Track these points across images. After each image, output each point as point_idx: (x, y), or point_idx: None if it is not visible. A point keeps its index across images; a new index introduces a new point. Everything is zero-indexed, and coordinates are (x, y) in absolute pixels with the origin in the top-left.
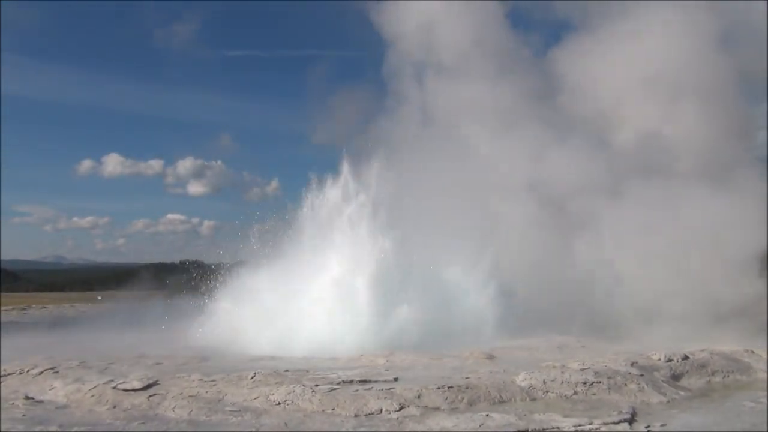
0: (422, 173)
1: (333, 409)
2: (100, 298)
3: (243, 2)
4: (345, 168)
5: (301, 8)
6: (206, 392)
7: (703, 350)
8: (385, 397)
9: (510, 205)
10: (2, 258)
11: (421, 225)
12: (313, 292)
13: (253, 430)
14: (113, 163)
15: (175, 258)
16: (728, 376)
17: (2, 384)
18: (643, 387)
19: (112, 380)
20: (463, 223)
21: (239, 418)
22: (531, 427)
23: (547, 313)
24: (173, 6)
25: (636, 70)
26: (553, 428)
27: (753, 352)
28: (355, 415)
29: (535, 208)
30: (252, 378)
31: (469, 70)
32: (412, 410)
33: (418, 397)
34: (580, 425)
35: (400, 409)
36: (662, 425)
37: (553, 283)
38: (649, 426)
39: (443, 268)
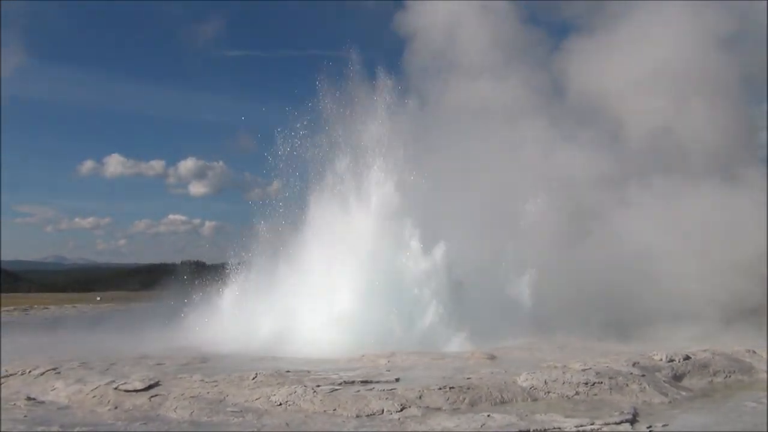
0: (438, 173)
1: (334, 410)
2: (99, 298)
3: (243, 3)
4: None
5: (301, 9)
6: (208, 393)
7: (705, 350)
8: (386, 398)
9: (527, 203)
10: (4, 259)
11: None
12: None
13: (255, 430)
14: (115, 164)
15: (177, 258)
16: (730, 376)
17: (4, 385)
18: (644, 387)
19: (113, 381)
20: (482, 220)
21: (241, 418)
22: (532, 427)
23: (565, 313)
24: (175, 8)
25: (642, 69)
26: (554, 428)
27: (755, 352)
28: (357, 416)
29: (551, 206)
30: (253, 378)
31: (483, 68)
32: (414, 411)
33: (420, 397)
34: (581, 426)
35: (401, 410)
36: (664, 425)
37: (573, 282)
38: (650, 426)
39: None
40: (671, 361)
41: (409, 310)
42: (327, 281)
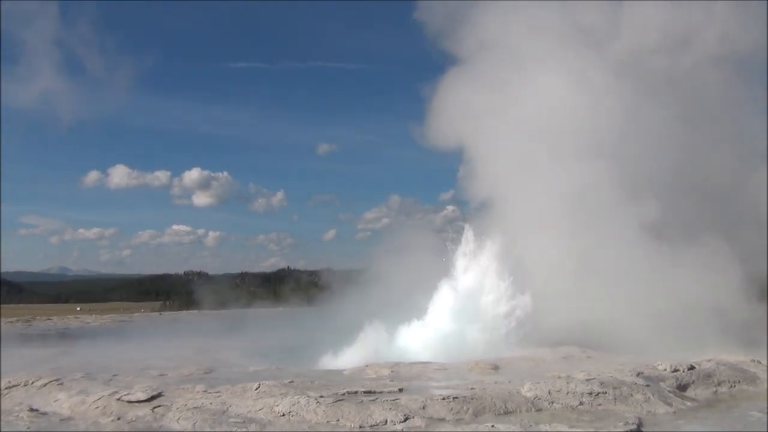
0: None
1: (338, 421)
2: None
3: (247, 15)
4: None
5: (306, 21)
6: (211, 403)
7: (709, 360)
8: (390, 408)
9: None
10: (8, 270)
11: None
12: None
13: None
14: (120, 175)
15: (180, 269)
16: (734, 386)
17: (7, 396)
18: (649, 397)
19: (116, 392)
20: None
21: (244, 429)
22: None
23: None
24: (179, 17)
25: None
26: None
27: (759, 362)
28: (360, 426)
29: None
30: (256, 389)
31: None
32: (417, 421)
33: (423, 408)
34: None
35: (405, 420)
36: None
37: None
38: None
39: None
40: (675, 371)
41: None
42: None
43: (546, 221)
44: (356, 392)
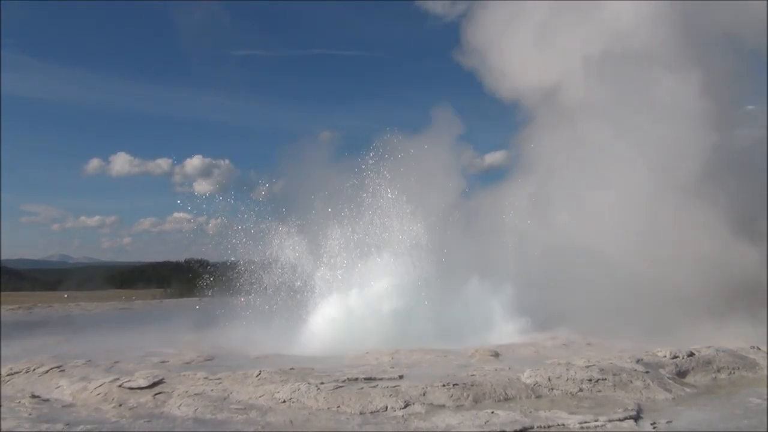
0: None
1: (338, 407)
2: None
3: (248, 2)
4: None
5: (307, 8)
6: (212, 390)
7: (708, 347)
8: (390, 395)
9: None
10: (10, 257)
11: None
12: None
13: (259, 428)
14: (121, 162)
15: (181, 256)
16: (734, 372)
17: (9, 383)
18: (648, 384)
19: (117, 378)
20: None
21: (245, 415)
22: (536, 424)
23: None
24: (180, 6)
25: None
26: (558, 425)
27: (759, 348)
28: (361, 413)
29: None
30: (257, 376)
31: None
32: (417, 408)
33: (423, 394)
34: (585, 422)
35: (405, 407)
36: (668, 422)
37: None
38: (654, 423)
39: None
40: (675, 357)
41: None
42: None
43: None
44: (356, 379)
